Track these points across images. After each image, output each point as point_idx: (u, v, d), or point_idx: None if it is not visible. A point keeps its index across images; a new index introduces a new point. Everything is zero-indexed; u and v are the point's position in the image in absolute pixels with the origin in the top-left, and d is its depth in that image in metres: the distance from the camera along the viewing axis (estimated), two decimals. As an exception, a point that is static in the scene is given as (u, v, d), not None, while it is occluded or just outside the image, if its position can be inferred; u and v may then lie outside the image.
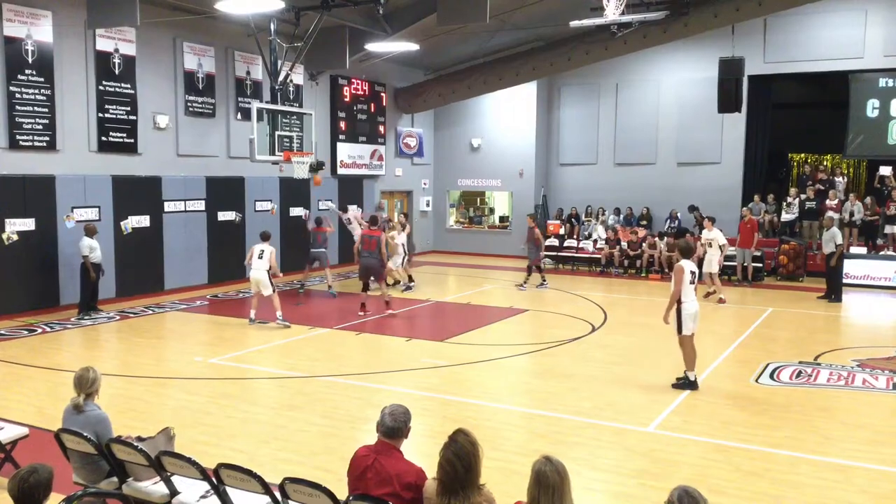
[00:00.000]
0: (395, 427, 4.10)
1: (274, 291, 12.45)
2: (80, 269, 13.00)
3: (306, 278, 16.46)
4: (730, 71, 17.45)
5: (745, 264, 17.55)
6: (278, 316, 12.32)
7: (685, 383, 8.85)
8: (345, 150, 20.32)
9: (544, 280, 17.08)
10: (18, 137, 12.95)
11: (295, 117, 15.09)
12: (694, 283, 8.88)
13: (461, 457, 3.71)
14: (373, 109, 21.29)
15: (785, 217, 19.17)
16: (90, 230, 12.96)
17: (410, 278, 16.81)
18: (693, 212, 20.07)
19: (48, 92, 13.32)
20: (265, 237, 12.94)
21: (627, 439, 7.19)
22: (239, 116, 16.97)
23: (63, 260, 13.51)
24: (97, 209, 14.08)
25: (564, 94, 22.87)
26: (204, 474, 4.61)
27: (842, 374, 9.56)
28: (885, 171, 18.40)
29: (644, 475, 6.27)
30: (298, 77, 18.13)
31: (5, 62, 12.70)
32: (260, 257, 12.46)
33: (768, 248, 18.69)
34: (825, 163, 22.46)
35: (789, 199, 19.26)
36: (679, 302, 8.72)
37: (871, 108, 18.83)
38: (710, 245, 15.31)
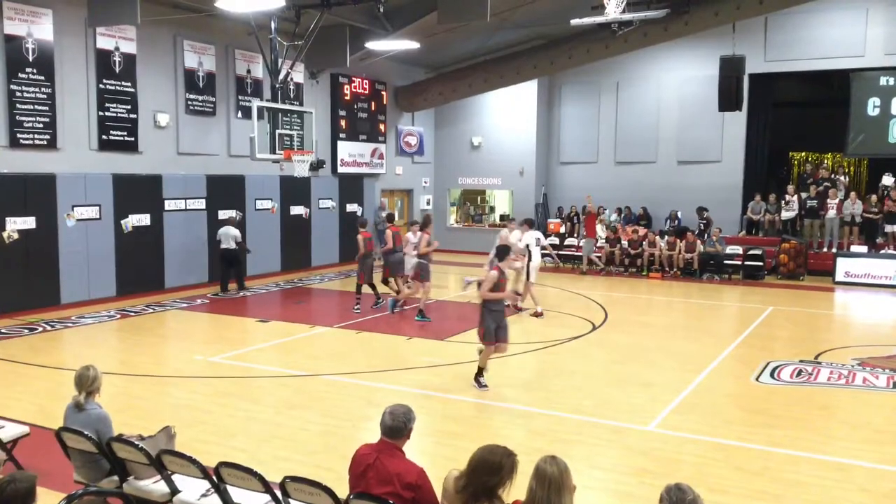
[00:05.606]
0: (395, 426, 4.11)
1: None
2: (230, 254, 15.11)
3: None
4: (731, 69, 17.42)
5: (589, 255, 19.24)
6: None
7: None
8: (345, 149, 20.31)
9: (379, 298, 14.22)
10: (19, 136, 12.96)
11: (295, 116, 15.06)
12: None
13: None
14: (373, 108, 21.27)
15: (784, 215, 19.19)
16: (232, 221, 15.27)
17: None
18: (702, 213, 19.95)
19: (49, 90, 13.32)
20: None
21: (627, 438, 7.19)
22: (239, 115, 16.96)
23: (64, 258, 13.51)
24: (98, 207, 14.08)
25: (565, 92, 22.85)
26: (205, 473, 4.61)
27: (842, 373, 9.55)
28: (887, 181, 18.38)
29: (644, 474, 6.27)
30: (299, 75, 18.12)
31: (6, 60, 12.70)
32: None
33: (769, 247, 18.69)
34: (826, 161, 22.45)
35: (787, 197, 19.29)
36: None
37: (872, 107, 18.80)
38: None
